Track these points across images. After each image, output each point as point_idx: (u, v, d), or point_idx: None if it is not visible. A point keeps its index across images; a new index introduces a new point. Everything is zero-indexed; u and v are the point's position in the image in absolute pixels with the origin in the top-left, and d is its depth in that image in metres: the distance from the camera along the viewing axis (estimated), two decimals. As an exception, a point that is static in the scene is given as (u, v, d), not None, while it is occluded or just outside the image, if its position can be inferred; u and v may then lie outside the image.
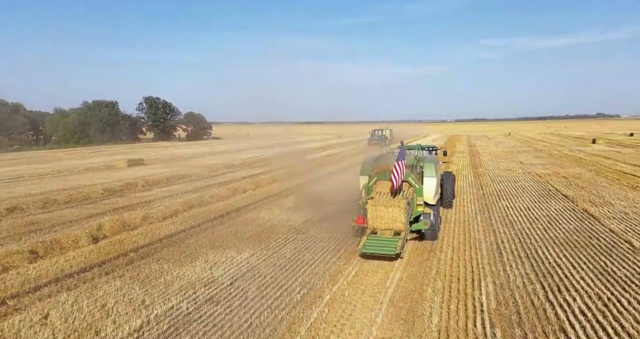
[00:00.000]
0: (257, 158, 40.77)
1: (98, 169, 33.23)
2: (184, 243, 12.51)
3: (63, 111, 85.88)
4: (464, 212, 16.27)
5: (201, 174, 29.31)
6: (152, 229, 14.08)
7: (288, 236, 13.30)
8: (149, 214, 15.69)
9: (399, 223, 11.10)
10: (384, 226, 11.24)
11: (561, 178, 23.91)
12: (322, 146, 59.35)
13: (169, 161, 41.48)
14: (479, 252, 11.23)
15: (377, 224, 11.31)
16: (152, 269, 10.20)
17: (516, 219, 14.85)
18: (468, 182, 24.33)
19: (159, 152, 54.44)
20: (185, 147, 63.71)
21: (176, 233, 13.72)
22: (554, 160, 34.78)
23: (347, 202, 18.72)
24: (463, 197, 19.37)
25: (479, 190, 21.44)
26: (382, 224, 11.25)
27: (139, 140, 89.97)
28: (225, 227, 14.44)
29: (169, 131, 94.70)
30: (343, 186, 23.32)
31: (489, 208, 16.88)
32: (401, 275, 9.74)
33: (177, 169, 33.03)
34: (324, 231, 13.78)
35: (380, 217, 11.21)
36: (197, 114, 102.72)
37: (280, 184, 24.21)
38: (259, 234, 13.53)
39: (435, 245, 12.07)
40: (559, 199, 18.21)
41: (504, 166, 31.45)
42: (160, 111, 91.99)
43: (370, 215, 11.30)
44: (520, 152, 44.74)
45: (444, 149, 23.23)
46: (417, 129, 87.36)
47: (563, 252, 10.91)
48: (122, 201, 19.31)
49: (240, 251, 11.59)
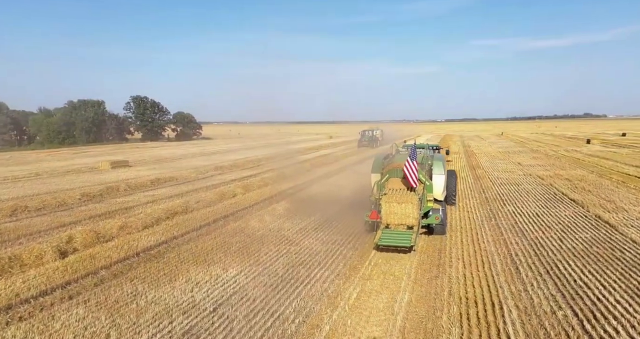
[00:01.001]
0: (247, 159, 39.41)
1: (79, 172, 31.61)
2: (163, 258, 11.19)
3: (48, 110, 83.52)
4: (470, 219, 15.15)
5: (188, 177, 27.91)
6: (129, 240, 12.72)
7: (280, 248, 12.05)
8: (128, 222, 14.31)
9: (412, 218, 11.59)
10: (397, 221, 11.71)
11: (564, 180, 22.97)
12: (314, 147, 58.12)
13: (155, 162, 39.93)
14: (492, 267, 10.09)
15: (390, 219, 11.77)
16: (124, 291, 8.88)
17: (526, 227, 13.76)
18: (468, 185, 23.29)
19: (146, 153, 52.76)
20: (174, 148, 62.04)
21: (156, 245, 12.38)
22: (552, 161, 33.96)
23: (343, 207, 17.56)
24: (466, 202, 18.28)
25: (481, 194, 20.39)
26: (396, 220, 11.72)
27: (127, 140, 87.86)
28: (211, 238, 13.14)
29: (158, 131, 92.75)
30: (338, 189, 22.15)
31: (495, 214, 15.79)
32: (410, 297, 8.55)
33: (164, 171, 31.56)
34: (320, 243, 12.55)
35: (394, 213, 11.70)
36: (186, 114, 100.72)
37: (271, 188, 22.93)
38: (248, 246, 12.25)
39: (444, 258, 10.92)
40: (567, 203, 17.20)
41: (502, 167, 30.51)
42: (149, 110, 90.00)
43: (384, 211, 11.75)
44: (516, 152, 43.97)
45: (446, 148, 23.26)
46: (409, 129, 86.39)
47: (587, 267, 9.82)
48: (100, 208, 17.88)
49: (226, 268, 10.32)
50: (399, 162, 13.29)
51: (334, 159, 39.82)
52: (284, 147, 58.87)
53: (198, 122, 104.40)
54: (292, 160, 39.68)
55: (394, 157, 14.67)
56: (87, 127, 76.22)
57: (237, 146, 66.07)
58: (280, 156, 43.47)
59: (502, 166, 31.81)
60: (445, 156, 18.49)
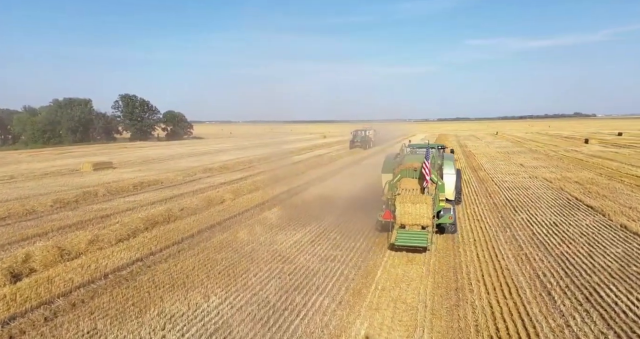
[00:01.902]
0: (238, 160, 37.74)
1: (58, 174, 29.74)
2: (135, 281, 9.58)
3: (33, 109, 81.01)
4: (482, 230, 13.71)
5: (174, 180, 26.22)
6: (98, 258, 11.09)
7: (272, 267, 10.50)
8: (100, 235, 12.66)
9: (426, 219, 11.46)
10: (412, 222, 11.59)
11: (574, 184, 21.67)
12: (307, 147, 56.56)
13: (141, 163, 38.11)
14: (521, 293, 8.63)
15: (405, 219, 11.63)
16: (79, 329, 7.28)
17: (547, 239, 12.35)
18: (473, 188, 21.90)
19: (133, 153, 50.82)
20: (163, 148, 60.10)
21: (129, 264, 10.76)
22: (555, 162, 32.75)
23: (340, 215, 16.04)
24: (474, 209, 16.86)
25: (488, 199, 18.99)
26: (410, 220, 11.59)
27: (115, 140, 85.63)
28: (193, 254, 11.54)
29: (147, 130, 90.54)
30: (334, 193, 20.64)
31: (508, 223, 14.37)
32: (429, 335, 7.06)
33: (149, 173, 29.81)
34: (317, 259, 11.02)
35: (408, 213, 11.56)
36: (177, 113, 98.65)
37: (263, 193, 21.34)
38: (235, 264, 10.68)
39: (461, 280, 9.45)
40: (584, 210, 15.84)
41: (505, 169, 29.21)
42: (138, 109, 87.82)
43: (399, 211, 11.61)
44: (515, 153, 42.79)
45: (450, 148, 21.93)
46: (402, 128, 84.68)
47: (633, 293, 8.39)
48: (72, 216, 16.17)
49: (208, 294, 8.75)
50: (411, 162, 13.31)
51: (328, 160, 38.31)
52: (277, 147, 57.23)
53: (189, 122, 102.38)
54: (285, 161, 38.09)
55: (406, 157, 14.60)
56: (73, 126, 73.91)
57: (229, 146, 64.32)
58: (273, 156, 41.85)
59: (505, 167, 30.51)
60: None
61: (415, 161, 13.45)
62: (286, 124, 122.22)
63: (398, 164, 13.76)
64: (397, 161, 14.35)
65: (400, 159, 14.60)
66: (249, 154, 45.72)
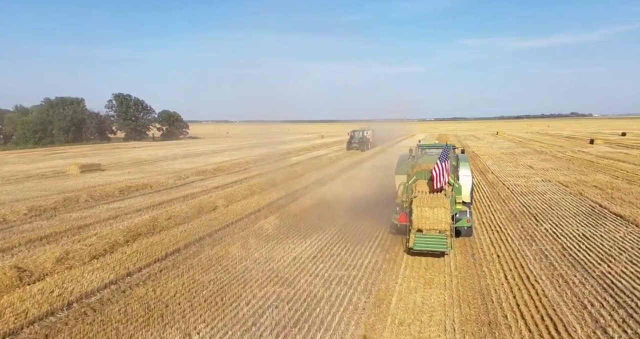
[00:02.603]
0: (233, 162, 36.13)
1: (42, 177, 28.08)
2: (102, 314, 8.01)
3: (24, 108, 79.07)
4: (504, 243, 12.21)
5: (165, 184, 24.61)
6: (64, 280, 9.52)
7: (268, 292, 8.96)
8: (71, 251, 11.09)
9: (444, 223, 11.07)
10: (429, 226, 11.18)
11: (592, 188, 20.22)
12: (305, 147, 55.00)
13: (132, 165, 36.46)
14: (570, 330, 7.11)
15: (422, 224, 11.23)
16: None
17: (581, 255, 10.85)
18: (484, 193, 20.42)
19: (125, 154, 49.10)
20: (157, 149, 58.39)
21: (100, 289, 9.19)
22: (565, 163, 31.34)
23: (343, 224, 14.50)
24: (490, 218, 15.36)
25: (503, 205, 17.51)
26: (428, 224, 11.18)
27: (109, 140, 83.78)
28: (176, 275, 9.99)
29: (142, 130, 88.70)
30: (335, 199, 19.11)
31: (532, 236, 12.87)
32: (467, 395, 5.53)
33: (139, 176, 28.20)
34: (320, 282, 9.49)
35: (426, 217, 11.16)
36: (172, 113, 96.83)
37: (259, 198, 19.79)
38: (224, 289, 9.13)
39: (494, 311, 7.92)
40: (613, 220, 14.36)
41: (514, 171, 27.75)
42: (132, 108, 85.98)
43: (416, 215, 11.23)
44: (520, 153, 41.39)
45: (461, 148, 20.52)
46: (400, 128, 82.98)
47: None
48: (46, 227, 14.57)
49: (189, 332, 7.19)
50: (427, 163, 12.89)
51: (327, 161, 36.78)
52: (274, 147, 55.63)
53: (185, 121, 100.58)
54: (282, 162, 36.54)
55: (421, 159, 14.15)
56: (65, 126, 72.06)
57: (224, 146, 62.69)
58: (269, 157, 40.28)
59: (513, 169, 29.06)
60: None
61: (431, 163, 13.03)
62: (283, 124, 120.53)
63: (413, 166, 13.36)
64: (412, 162, 13.90)
65: (415, 160, 14.20)
66: (245, 155, 44.13)
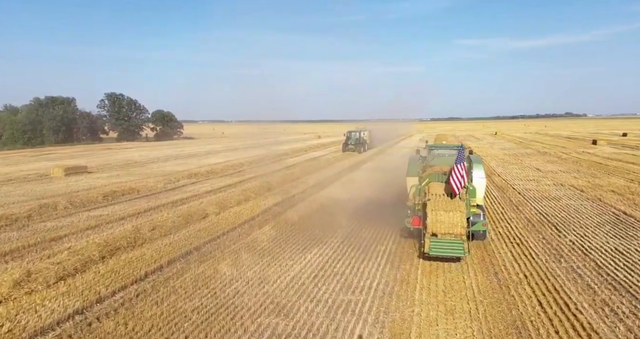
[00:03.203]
0: (228, 163, 34.64)
1: (24, 180, 26.47)
2: (59, 357, 6.57)
3: (14, 108, 77.07)
4: (529, 258, 10.85)
5: (154, 188, 23.09)
6: (19, 311, 8.05)
7: (261, 324, 7.54)
8: (34, 271, 9.62)
9: (460, 228, 10.71)
10: (444, 231, 10.81)
11: (610, 193, 18.93)
12: (302, 148, 53.57)
13: (121, 167, 34.87)
14: (636, 380, 5.76)
15: (437, 228, 10.85)
16: None
17: (621, 276, 9.50)
18: (494, 198, 19.09)
19: (116, 155, 47.44)
20: (149, 149, 56.73)
21: (60, 321, 7.72)
22: (573, 166, 30.11)
23: (347, 236, 13.12)
24: (506, 226, 14.01)
25: (517, 212, 16.18)
26: (443, 229, 10.81)
27: (101, 140, 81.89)
28: (155, 302, 8.54)
29: (135, 130, 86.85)
30: (336, 205, 17.72)
31: (557, 249, 11.53)
32: None
33: (126, 179, 26.67)
34: (324, 311, 8.08)
35: (441, 221, 10.80)
36: (166, 112, 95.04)
37: (253, 204, 18.36)
38: (209, 321, 7.70)
39: (535, 352, 6.55)
40: (643, 230, 13.06)
41: (521, 174, 26.47)
42: (125, 108, 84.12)
43: (431, 220, 10.86)
44: (524, 155, 40.17)
45: (469, 148, 19.37)
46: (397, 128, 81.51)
47: None
48: (15, 239, 13.04)
49: (163, 385, 5.76)
50: (440, 165, 12.83)
51: (325, 163, 35.38)
52: (270, 148, 54.18)
53: (179, 121, 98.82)
54: (278, 164, 35.10)
55: (434, 160, 13.89)
56: (55, 126, 70.11)
57: (219, 146, 61.15)
58: (265, 159, 38.86)
59: (520, 171, 27.78)
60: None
61: (444, 164, 12.92)
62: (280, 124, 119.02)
63: (425, 167, 13.11)
64: (424, 163, 13.61)
65: (427, 161, 13.90)
66: (239, 156, 42.63)
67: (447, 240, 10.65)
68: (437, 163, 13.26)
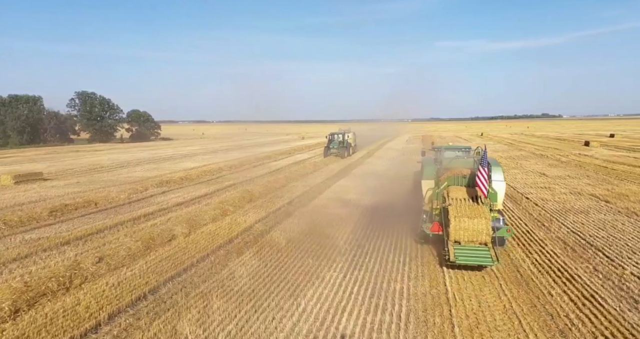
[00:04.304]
0: (205, 168, 31.42)
1: (-36, 190, 22.78)
2: None
3: (-24, 107, 71.76)
4: (593, 303, 8.21)
5: (115, 199, 19.82)
6: None
7: None
8: None
9: (485, 235, 10.17)
10: (468, 238, 10.23)
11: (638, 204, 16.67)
12: (286, 150, 50.61)
13: (85, 172, 31.29)
14: None
15: (460, 236, 10.27)
16: None
17: None
18: (511, 211, 16.58)
19: (82, 159, 43.51)
20: (121, 152, 52.81)
21: None
22: (579, 170, 28.05)
23: (350, 268, 10.31)
24: (539, 250, 11.41)
25: (546, 231, 13.67)
26: (467, 236, 10.23)
27: (72, 142, 77.15)
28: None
29: (109, 131, 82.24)
30: (330, 223, 14.91)
31: (621, 287, 8.96)
32: None
33: (86, 188, 23.30)
34: None
35: (465, 229, 10.24)
36: (142, 112, 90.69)
37: (231, 221, 15.40)
38: None
39: None
40: None
41: (528, 180, 24.18)
42: (97, 108, 79.46)
43: (454, 227, 10.25)
44: (520, 157, 38.20)
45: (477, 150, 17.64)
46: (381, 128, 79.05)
47: None
48: None
49: None
50: (459, 168, 12.61)
51: (312, 167, 32.46)
52: (252, 150, 51.02)
53: (156, 122, 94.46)
54: (261, 169, 32.13)
55: (452, 162, 13.51)
56: (19, 126, 65.29)
57: (198, 148, 57.69)
58: (246, 163, 35.80)
59: (524, 177, 25.51)
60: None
61: (463, 167, 12.63)
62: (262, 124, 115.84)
63: (443, 171, 12.71)
64: (442, 166, 13.15)
65: (442, 164, 13.46)
66: (219, 159, 39.43)
67: (472, 247, 10.13)
68: (456, 166, 12.80)
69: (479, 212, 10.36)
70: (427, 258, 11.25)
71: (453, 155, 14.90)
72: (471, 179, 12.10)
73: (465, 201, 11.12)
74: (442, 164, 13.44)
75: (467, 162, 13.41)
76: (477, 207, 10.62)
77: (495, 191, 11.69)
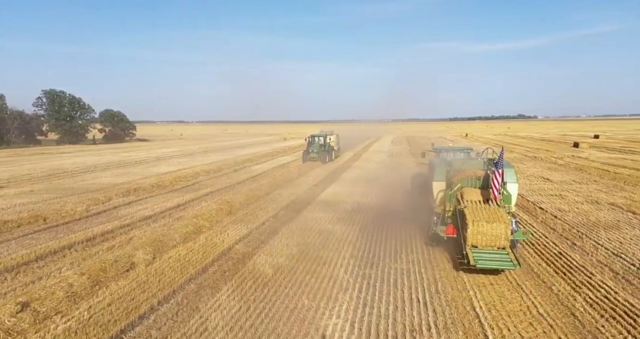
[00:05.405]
0: (180, 173, 28.54)
1: None
2: None
3: None
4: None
5: (70, 213, 16.88)
6: None
7: None
8: None
9: (503, 240, 9.97)
10: (486, 243, 10.01)
11: (671, 216, 14.82)
12: (268, 152, 47.95)
13: (44, 178, 27.98)
14: None
15: (477, 240, 10.03)
16: None
17: None
18: (528, 223, 14.47)
19: (44, 162, 39.81)
20: (89, 155, 49.06)
21: None
22: (581, 174, 26.41)
23: (355, 307, 7.92)
24: (586, 281, 9.25)
25: (582, 253, 11.55)
26: (484, 241, 10.02)
27: (39, 143, 72.44)
28: None
29: (79, 132, 77.67)
30: (324, 241, 12.53)
31: None
32: None
33: (40, 198, 20.25)
34: None
35: (483, 233, 10.01)
36: (116, 112, 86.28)
37: (206, 241, 12.80)
38: None
39: None
40: None
41: (534, 187, 22.27)
42: (66, 107, 74.87)
43: (471, 231, 9.99)
44: (515, 160, 36.41)
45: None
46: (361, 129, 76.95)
47: None
48: None
49: None
50: (472, 169, 12.30)
51: (296, 171, 29.96)
52: (232, 152, 48.15)
53: (131, 122, 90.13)
54: (241, 174, 29.45)
55: (464, 164, 13.10)
56: (-22, 127, 60.62)
57: (174, 150, 54.37)
58: (225, 167, 33.01)
59: (528, 183, 23.59)
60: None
61: (477, 168, 12.42)
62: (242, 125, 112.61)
63: (455, 172, 12.43)
64: (454, 168, 12.75)
65: (455, 165, 13.02)
66: (195, 163, 36.53)
67: (490, 251, 9.98)
68: (468, 167, 12.58)
69: (497, 216, 10.14)
70: (451, 293, 8.96)
71: (460, 156, 14.79)
72: (485, 180, 11.68)
73: (481, 203, 10.95)
74: (452, 165, 13.01)
75: (479, 163, 12.89)
76: (496, 211, 10.37)
77: (509, 193, 11.57)
